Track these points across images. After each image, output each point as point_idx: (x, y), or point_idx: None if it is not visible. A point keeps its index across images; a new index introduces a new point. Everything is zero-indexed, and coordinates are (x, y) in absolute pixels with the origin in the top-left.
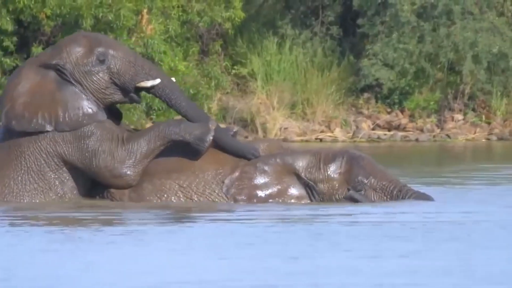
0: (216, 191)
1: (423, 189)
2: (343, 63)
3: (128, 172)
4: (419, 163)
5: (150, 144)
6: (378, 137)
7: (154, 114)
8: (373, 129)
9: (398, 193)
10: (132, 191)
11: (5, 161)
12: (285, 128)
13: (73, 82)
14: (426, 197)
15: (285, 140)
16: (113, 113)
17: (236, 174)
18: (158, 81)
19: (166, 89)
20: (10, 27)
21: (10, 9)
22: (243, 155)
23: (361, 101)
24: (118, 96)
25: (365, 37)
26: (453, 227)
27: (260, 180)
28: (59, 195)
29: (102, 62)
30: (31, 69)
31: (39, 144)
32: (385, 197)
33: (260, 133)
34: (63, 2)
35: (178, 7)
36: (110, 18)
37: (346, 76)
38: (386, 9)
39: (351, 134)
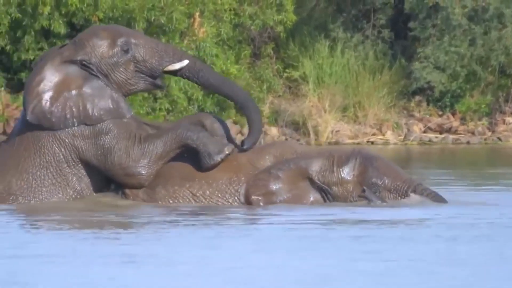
0: (230, 201)
1: (475, 191)
2: (394, 66)
3: (142, 172)
4: (471, 165)
5: (166, 146)
6: (430, 140)
7: None
8: (424, 132)
9: (413, 193)
10: (145, 193)
11: (24, 155)
12: (337, 131)
13: (99, 76)
14: (440, 199)
15: (336, 143)
16: None
17: (251, 181)
18: (185, 62)
19: (193, 70)
20: (62, 30)
21: (63, 12)
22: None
23: (412, 104)
24: (142, 84)
25: (417, 40)
26: None
27: (274, 186)
28: (76, 191)
29: (126, 52)
30: (55, 66)
31: (58, 138)
32: (399, 198)
33: (312, 136)
34: (116, 5)
35: (230, 10)
36: (162, 21)
37: (397, 79)
38: (437, 12)
39: (402, 137)
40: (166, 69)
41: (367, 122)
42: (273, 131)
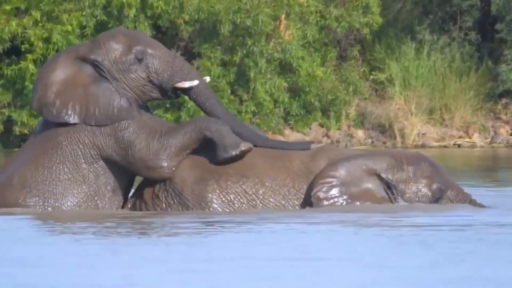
0: (282, 202)
1: None
2: (481, 69)
3: (163, 164)
4: None
5: (186, 138)
6: None
7: (292, 120)
8: (511, 134)
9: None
10: (196, 184)
11: (42, 151)
12: (423, 134)
13: (109, 78)
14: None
15: (423, 146)
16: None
17: (316, 180)
18: (196, 82)
19: (201, 94)
20: (148, 32)
21: (148, 14)
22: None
23: (499, 107)
24: (155, 93)
25: (504, 42)
26: None
27: (342, 184)
28: (92, 188)
29: (140, 60)
30: (68, 60)
31: (78, 135)
32: None
33: (398, 139)
34: (201, 8)
35: (316, 12)
36: (248, 23)
37: (484, 82)
38: None
39: (489, 140)
40: (176, 85)
41: (454, 125)
42: (359, 134)
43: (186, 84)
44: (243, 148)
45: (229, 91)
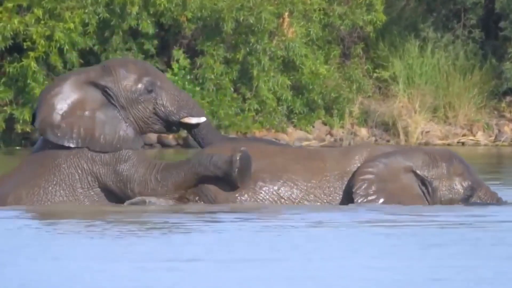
0: (319, 203)
1: None
2: (485, 66)
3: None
4: None
5: (181, 176)
6: None
7: (295, 118)
8: None
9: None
10: (230, 190)
11: (39, 171)
12: (427, 132)
13: (117, 106)
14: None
15: (426, 144)
16: None
17: (356, 177)
18: (203, 119)
19: (203, 130)
20: (151, 30)
21: (151, 12)
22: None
23: (503, 105)
24: (158, 126)
25: (507, 40)
26: None
27: (381, 180)
28: None
29: (149, 92)
30: (77, 84)
31: (77, 160)
32: None
33: (402, 137)
34: (204, 5)
35: (319, 10)
36: (251, 21)
37: (488, 80)
38: None
39: (493, 138)
40: (182, 120)
41: (458, 123)
42: (363, 132)
43: (193, 120)
44: (238, 159)
45: (232, 89)
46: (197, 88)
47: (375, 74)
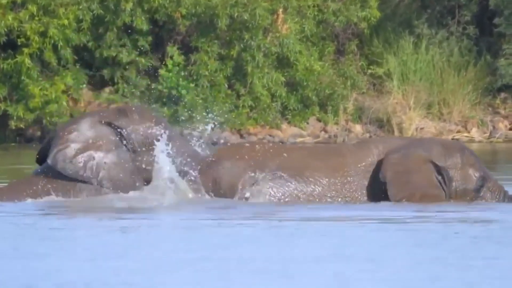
0: (340, 199)
1: None
2: (479, 63)
3: None
4: None
5: None
6: None
7: (290, 114)
8: (510, 129)
9: (504, 199)
10: (250, 188)
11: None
12: (421, 128)
13: (129, 149)
14: None
15: None
16: None
17: (385, 171)
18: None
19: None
20: (145, 26)
21: (145, 8)
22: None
23: (498, 101)
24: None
25: (502, 37)
26: None
27: (407, 172)
28: None
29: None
30: (93, 123)
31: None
32: (494, 201)
33: (396, 133)
34: (199, 2)
35: (313, 6)
36: (245, 17)
37: (482, 76)
38: None
39: (487, 134)
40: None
41: (452, 119)
42: (357, 128)
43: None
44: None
45: (226, 86)
46: (191, 85)
47: (369, 71)
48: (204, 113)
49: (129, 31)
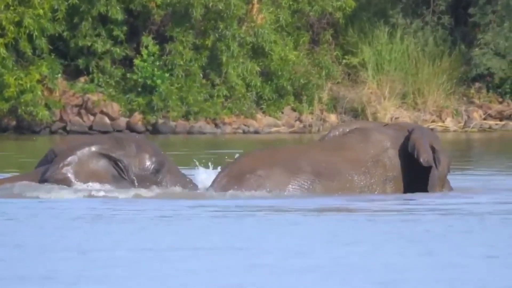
0: (366, 189)
1: None
2: (454, 53)
3: None
4: None
5: None
6: (490, 127)
7: (265, 104)
8: (484, 119)
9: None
10: (274, 184)
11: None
12: (396, 118)
13: (126, 179)
14: None
15: None
16: None
17: (419, 149)
18: None
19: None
20: (120, 16)
21: None
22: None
23: (472, 91)
24: None
25: (477, 27)
26: None
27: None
28: None
29: (157, 172)
30: (91, 152)
31: None
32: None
33: None
34: None
35: None
36: (220, 7)
37: (457, 66)
38: None
39: (462, 124)
40: None
41: (427, 109)
42: (332, 118)
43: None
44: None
45: (201, 75)
46: (166, 74)
47: (344, 61)
48: (178, 103)
49: (104, 21)
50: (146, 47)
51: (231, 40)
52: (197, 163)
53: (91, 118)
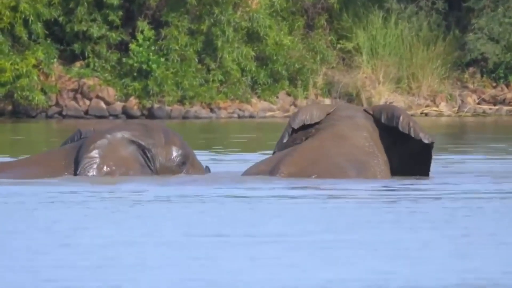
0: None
1: None
2: (448, 38)
3: None
4: None
5: None
6: (483, 112)
7: (260, 88)
8: (478, 103)
9: None
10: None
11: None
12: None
13: (152, 169)
14: None
15: None
16: None
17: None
18: None
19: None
20: (115, 1)
21: None
22: None
23: (466, 76)
24: None
25: (471, 11)
26: None
27: None
28: None
29: (183, 164)
30: (120, 139)
31: None
32: None
33: None
34: None
35: None
36: None
37: (451, 51)
38: None
39: (456, 109)
40: None
41: (421, 94)
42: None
43: None
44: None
45: (197, 60)
46: (162, 59)
47: (338, 45)
48: (174, 87)
49: (100, 5)
50: (142, 32)
51: (226, 25)
52: None
53: (87, 102)
